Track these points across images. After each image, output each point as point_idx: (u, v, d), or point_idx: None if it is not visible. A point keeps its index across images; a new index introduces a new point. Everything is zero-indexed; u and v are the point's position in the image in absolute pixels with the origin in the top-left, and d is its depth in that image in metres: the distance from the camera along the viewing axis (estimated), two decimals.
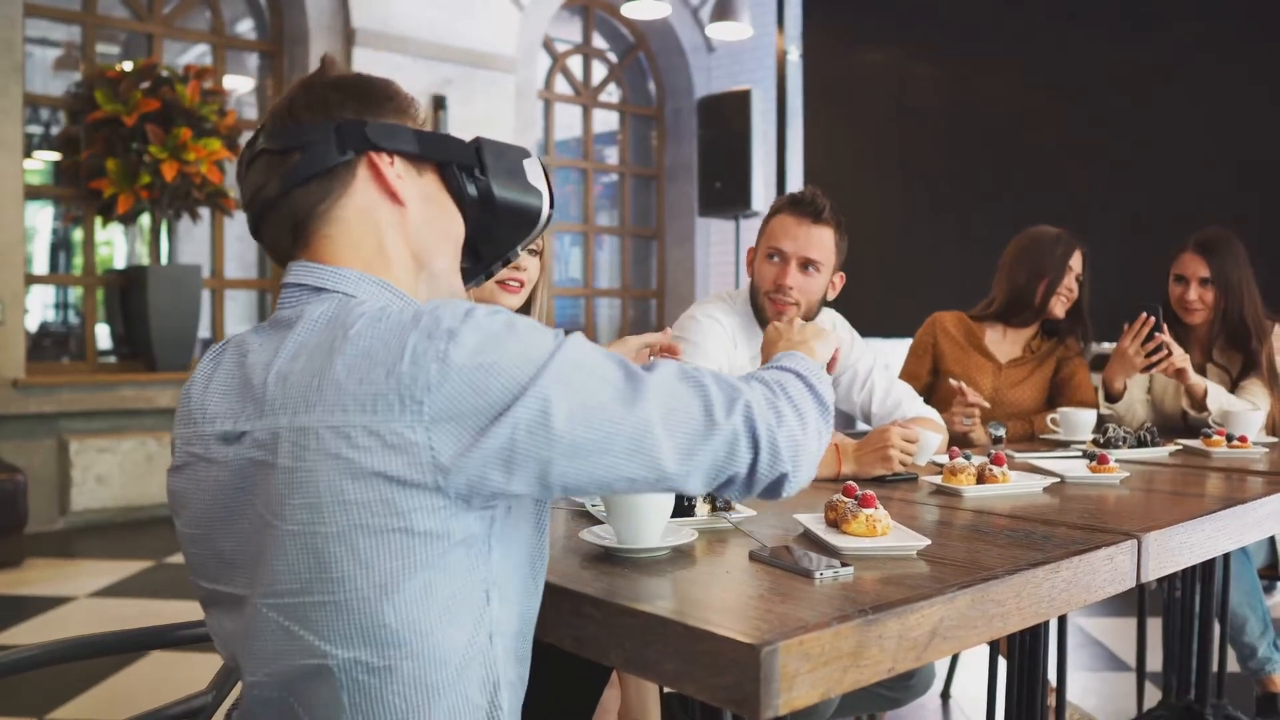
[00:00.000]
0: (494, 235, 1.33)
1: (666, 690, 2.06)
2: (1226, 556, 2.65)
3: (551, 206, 1.35)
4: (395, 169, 1.22)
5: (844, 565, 1.31)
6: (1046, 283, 3.05)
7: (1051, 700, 2.63)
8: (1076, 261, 3.08)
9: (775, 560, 1.35)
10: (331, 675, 1.06)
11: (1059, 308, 3.08)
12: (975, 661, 3.53)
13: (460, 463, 1.02)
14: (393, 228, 1.22)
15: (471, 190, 1.28)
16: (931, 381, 3.20)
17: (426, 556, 1.04)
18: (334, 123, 1.19)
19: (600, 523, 1.53)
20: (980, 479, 1.93)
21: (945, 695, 3.40)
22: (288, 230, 1.21)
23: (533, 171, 1.32)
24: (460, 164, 1.27)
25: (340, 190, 1.20)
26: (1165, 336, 2.82)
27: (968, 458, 1.98)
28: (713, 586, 1.30)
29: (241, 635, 1.14)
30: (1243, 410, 2.78)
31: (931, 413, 2.57)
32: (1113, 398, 3.00)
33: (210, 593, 1.18)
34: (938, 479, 1.97)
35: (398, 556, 1.04)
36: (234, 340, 1.20)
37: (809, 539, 1.51)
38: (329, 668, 1.06)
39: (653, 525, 1.39)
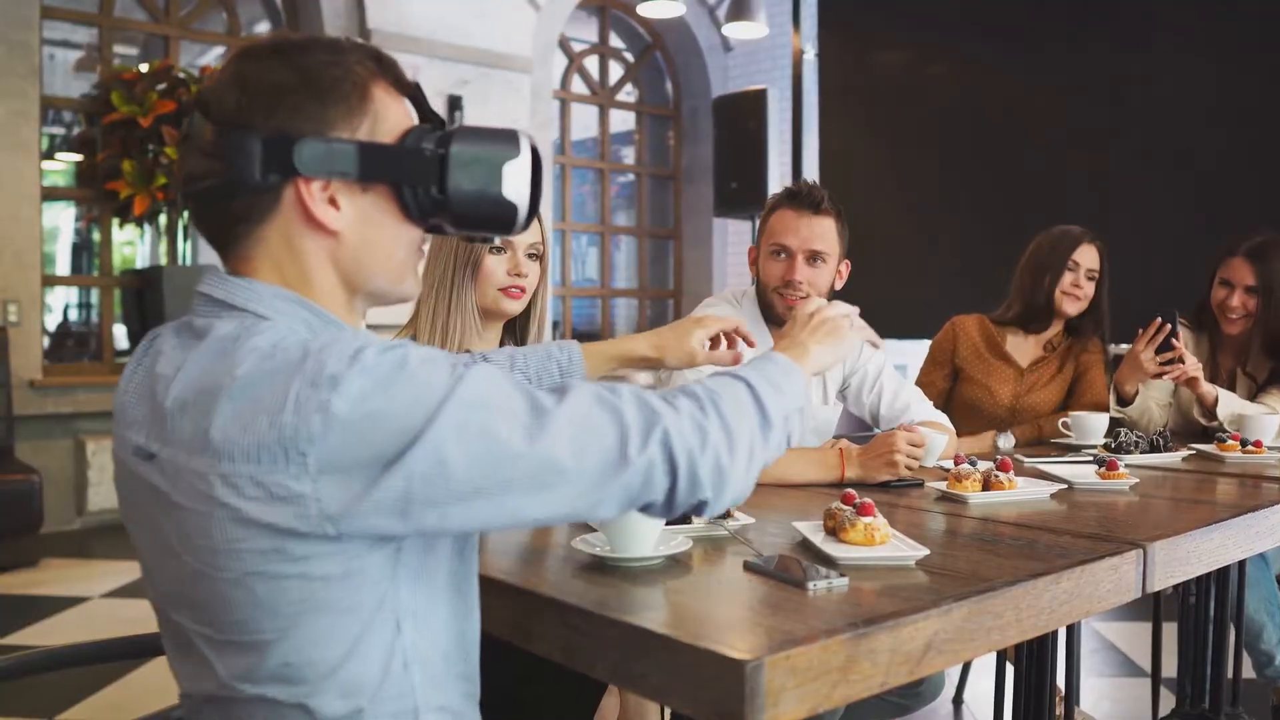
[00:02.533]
0: (453, 228, 1.19)
1: None
2: (1242, 562, 2.61)
3: (533, 214, 1.18)
4: (328, 193, 1.09)
5: (839, 575, 1.28)
6: (1048, 280, 3.02)
7: (1060, 709, 2.60)
8: (1085, 256, 3.02)
9: (769, 570, 1.33)
10: (241, 707, 1.07)
11: (1068, 305, 3.02)
12: (989, 666, 3.49)
13: (350, 512, 0.98)
14: (320, 256, 1.11)
15: (428, 203, 1.13)
16: (949, 388, 3.15)
17: (328, 599, 1.02)
18: (259, 137, 1.06)
19: (594, 530, 1.51)
20: (986, 485, 1.91)
21: (958, 701, 3.37)
22: (212, 234, 1.13)
23: (513, 179, 1.14)
24: (415, 182, 1.12)
25: (262, 214, 1.09)
26: (1179, 344, 2.78)
27: (973, 464, 1.95)
28: (704, 597, 1.28)
29: (177, 649, 1.13)
30: (1258, 414, 2.73)
31: (940, 416, 2.54)
32: (1124, 402, 2.96)
33: (150, 597, 1.15)
34: (943, 485, 1.95)
35: (297, 601, 1.01)
36: (160, 334, 1.13)
37: (806, 548, 1.49)
38: (239, 700, 1.06)
39: (645, 534, 1.37)
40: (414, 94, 1.17)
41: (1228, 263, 3.02)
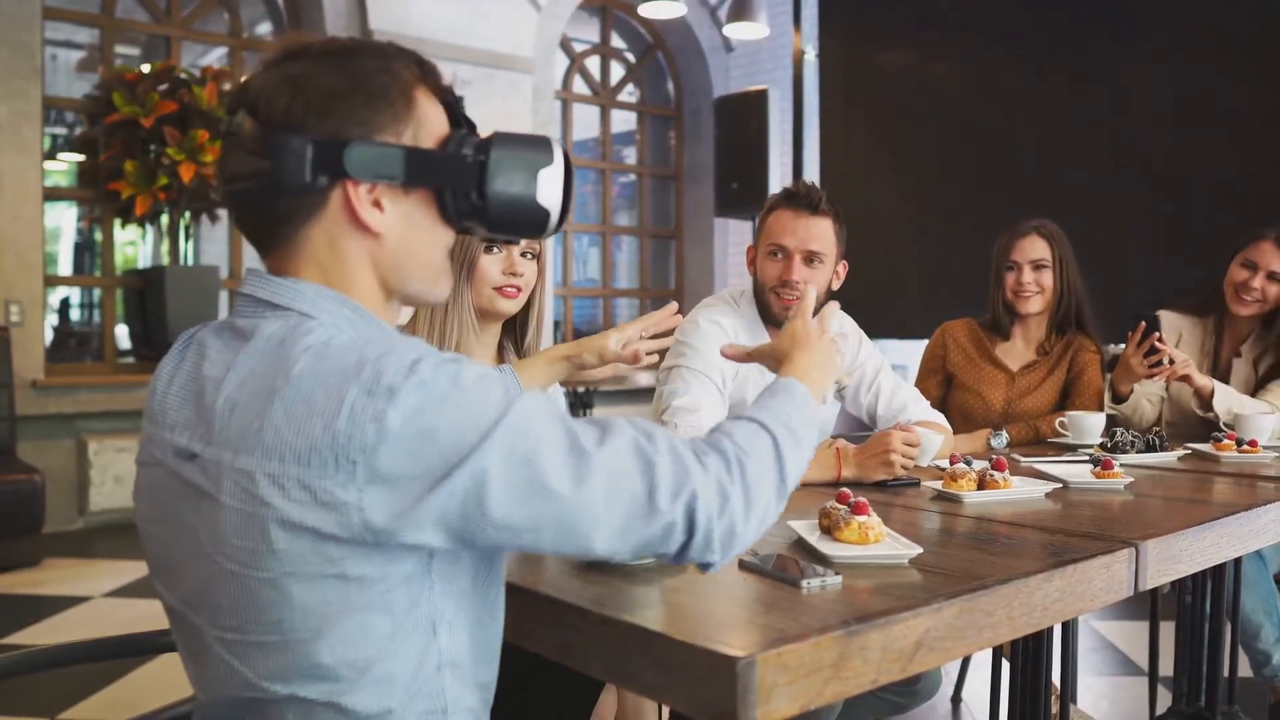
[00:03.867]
0: (486, 231, 1.22)
1: None
2: (1238, 561, 2.62)
3: (563, 220, 1.22)
4: (373, 196, 1.11)
5: (833, 574, 1.30)
6: (995, 285, 3.05)
7: (1055, 706, 2.61)
8: (1026, 250, 3.00)
9: (764, 569, 1.35)
10: (273, 707, 1.07)
11: (1023, 304, 3.01)
12: (988, 664, 3.50)
13: (391, 525, 0.99)
14: (362, 257, 1.14)
15: (467, 207, 1.16)
16: (943, 395, 3.16)
17: (364, 599, 1.03)
18: (309, 140, 1.08)
19: None
20: (981, 485, 1.92)
21: (956, 699, 3.38)
22: (254, 233, 1.15)
23: (547, 186, 1.18)
24: (456, 187, 1.15)
25: (308, 214, 1.11)
26: (1163, 346, 2.82)
27: (968, 463, 1.96)
28: (699, 595, 1.29)
29: (192, 655, 1.14)
30: (1254, 414, 2.75)
31: (937, 416, 2.56)
32: (1120, 399, 2.99)
33: (166, 602, 1.16)
34: (939, 484, 1.96)
35: (333, 601, 1.02)
36: (198, 337, 1.14)
37: (801, 546, 1.50)
38: (268, 701, 1.07)
39: None
40: (449, 98, 1.20)
41: (1256, 245, 3.06)
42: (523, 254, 2.05)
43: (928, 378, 3.17)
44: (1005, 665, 2.54)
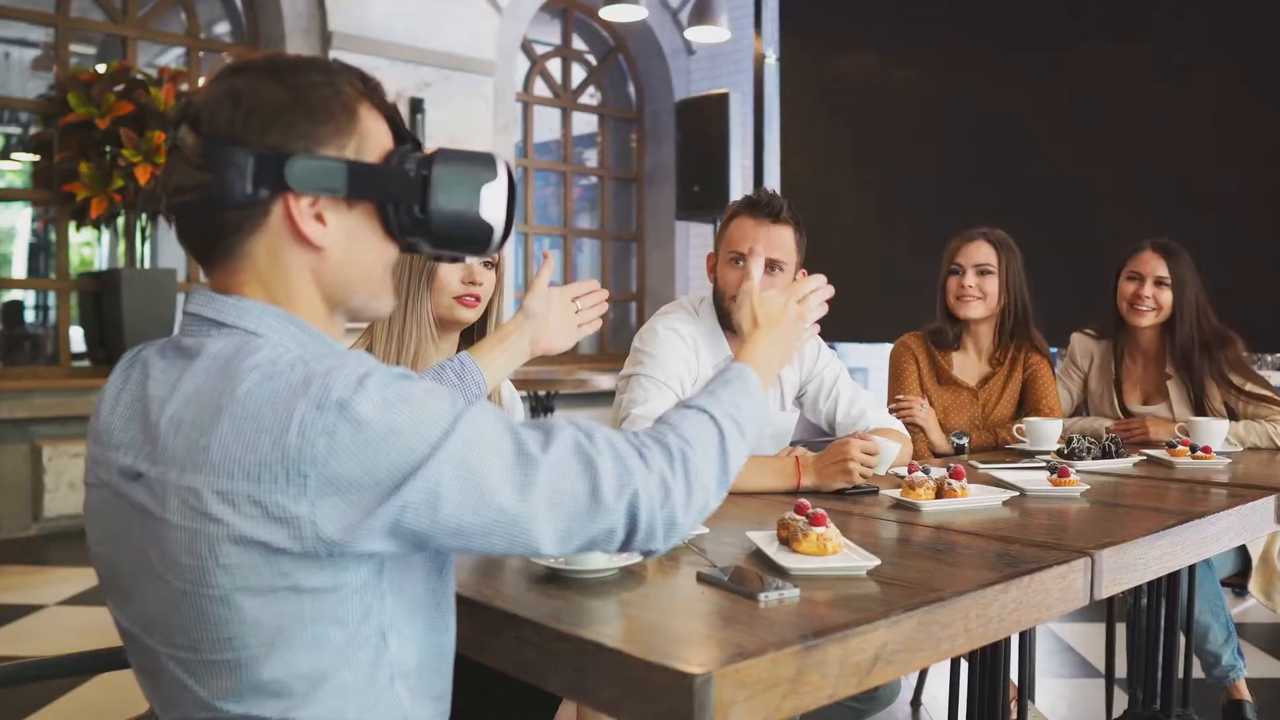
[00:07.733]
0: (430, 247, 1.21)
1: None
2: (1192, 567, 2.65)
3: (507, 234, 1.21)
4: (315, 210, 1.11)
5: (792, 587, 1.30)
6: (941, 290, 3.06)
7: (1014, 705, 2.63)
8: (973, 254, 3.01)
9: (722, 582, 1.35)
10: None
11: (964, 309, 3.02)
12: (947, 667, 3.52)
13: (344, 535, 1.00)
14: (304, 271, 1.13)
15: (409, 222, 1.16)
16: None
17: (316, 611, 1.03)
18: (251, 152, 1.07)
19: None
20: (939, 493, 1.93)
21: (916, 704, 3.39)
22: (196, 247, 1.14)
23: (490, 201, 1.18)
24: (399, 201, 1.15)
25: (250, 227, 1.10)
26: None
27: (926, 471, 1.97)
28: (657, 609, 1.29)
29: (147, 675, 1.12)
30: (1206, 420, 2.78)
31: (895, 423, 2.57)
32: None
33: (119, 622, 1.15)
34: (898, 492, 1.97)
35: (285, 614, 1.02)
36: (142, 355, 1.13)
37: (760, 558, 1.50)
38: None
39: None
40: (392, 114, 1.19)
41: (1137, 256, 3.10)
42: (483, 264, 2.04)
43: (910, 384, 3.10)
44: (964, 666, 2.55)
